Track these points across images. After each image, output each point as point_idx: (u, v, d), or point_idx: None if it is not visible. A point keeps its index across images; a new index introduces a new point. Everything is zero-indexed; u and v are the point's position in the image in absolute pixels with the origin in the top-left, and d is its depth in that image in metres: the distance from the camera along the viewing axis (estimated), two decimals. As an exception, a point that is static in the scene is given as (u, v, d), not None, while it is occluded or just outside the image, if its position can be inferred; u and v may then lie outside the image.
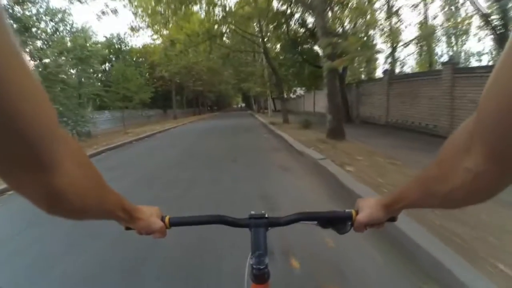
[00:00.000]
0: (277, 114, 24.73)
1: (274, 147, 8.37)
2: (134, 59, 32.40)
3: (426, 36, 19.41)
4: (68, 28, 16.64)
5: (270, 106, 23.85)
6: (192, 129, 17.22)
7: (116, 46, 32.46)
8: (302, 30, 16.28)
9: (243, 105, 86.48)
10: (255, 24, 17.33)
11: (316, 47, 15.87)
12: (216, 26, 15.17)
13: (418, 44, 22.34)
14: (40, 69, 11.64)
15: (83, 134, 13.13)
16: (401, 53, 31.69)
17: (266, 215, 0.78)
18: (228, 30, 16.02)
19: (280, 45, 16.83)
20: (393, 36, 19.51)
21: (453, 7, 19.20)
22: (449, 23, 20.50)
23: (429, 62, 22.58)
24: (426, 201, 0.55)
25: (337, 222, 0.77)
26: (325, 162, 5.39)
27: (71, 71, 14.53)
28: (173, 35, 17.68)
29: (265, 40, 16.52)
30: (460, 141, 0.43)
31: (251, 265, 0.72)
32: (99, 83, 18.96)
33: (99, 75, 23.69)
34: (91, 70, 16.03)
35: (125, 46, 32.94)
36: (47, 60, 12.34)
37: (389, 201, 0.66)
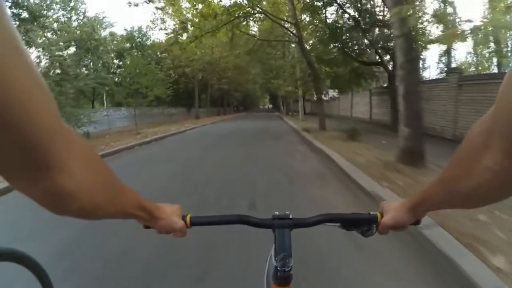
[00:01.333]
0: (308, 117, 21.73)
1: (317, 173, 5.48)
2: (157, 54, 30.52)
3: (496, 25, 15.52)
4: (80, 18, 14.71)
5: (301, 108, 20.71)
6: (211, 132, 14.66)
7: (137, 40, 30.68)
8: (345, 17, 13.24)
9: (270, 106, 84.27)
10: (287, 7, 14.39)
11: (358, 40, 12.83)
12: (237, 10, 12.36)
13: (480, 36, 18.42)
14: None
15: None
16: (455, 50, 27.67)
17: (291, 216, 0.75)
18: (253, 12, 13.10)
19: (317, 36, 13.73)
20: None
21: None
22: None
23: (499, 60, 18.62)
24: (448, 202, 0.54)
25: (362, 224, 0.74)
26: (436, 234, 2.47)
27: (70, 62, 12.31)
28: (181, 15, 15.01)
29: (300, 27, 13.48)
30: (478, 139, 0.42)
31: (275, 267, 0.67)
32: (111, 76, 16.78)
33: (113, 69, 21.67)
34: (100, 62, 14.03)
35: (147, 40, 31.09)
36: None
37: (413, 203, 0.64)
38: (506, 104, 0.35)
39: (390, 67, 13.08)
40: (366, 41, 13.00)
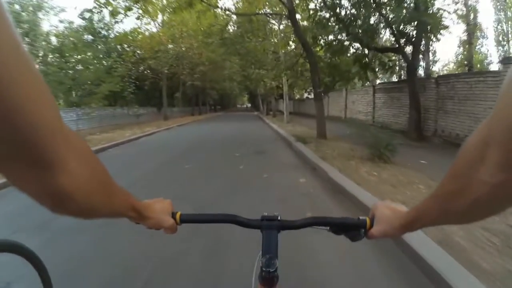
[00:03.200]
0: (293, 118, 18.27)
1: None
2: (123, 47, 26.22)
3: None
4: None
5: (286, 108, 17.10)
6: (172, 140, 10.88)
7: (96, 30, 26.20)
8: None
9: (249, 105, 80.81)
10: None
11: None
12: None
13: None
14: None
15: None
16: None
17: (279, 217, 0.74)
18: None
19: (312, 13, 10.06)
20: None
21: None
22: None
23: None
24: (445, 219, 0.51)
25: (350, 229, 0.73)
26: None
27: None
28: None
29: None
30: (473, 152, 0.40)
31: (261, 267, 0.67)
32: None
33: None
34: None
35: (107, 31, 26.64)
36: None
37: (408, 220, 0.60)
38: (503, 115, 0.33)
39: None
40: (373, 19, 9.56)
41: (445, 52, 75.82)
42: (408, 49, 10.77)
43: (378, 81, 15.58)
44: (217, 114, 38.20)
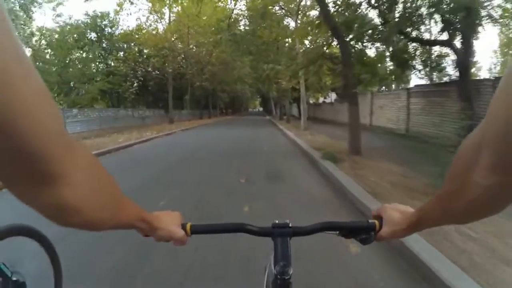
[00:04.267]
0: (310, 124, 16.03)
1: None
2: (129, 45, 24.64)
3: None
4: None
5: (304, 112, 14.83)
6: (166, 150, 8.89)
7: (101, 27, 24.67)
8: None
9: (261, 109, 79.07)
10: None
11: None
12: None
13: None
14: None
15: None
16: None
17: (290, 224, 0.74)
18: None
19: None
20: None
21: None
22: None
23: None
24: (446, 219, 0.52)
25: (360, 232, 0.72)
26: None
27: None
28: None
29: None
30: (468, 154, 0.41)
31: (275, 275, 0.66)
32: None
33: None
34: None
35: (112, 28, 25.08)
36: None
37: (413, 222, 0.62)
38: (495, 118, 0.34)
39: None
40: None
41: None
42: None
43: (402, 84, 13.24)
44: (227, 118, 36.17)
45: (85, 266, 2.30)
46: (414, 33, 8.04)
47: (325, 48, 7.99)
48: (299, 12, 13.57)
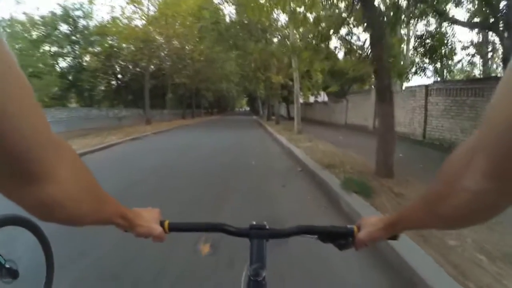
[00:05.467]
0: (303, 126, 13.73)
1: None
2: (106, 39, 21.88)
3: None
4: None
5: (298, 113, 12.36)
6: (115, 168, 6.40)
7: (73, 18, 21.82)
8: None
9: (248, 109, 77.02)
10: None
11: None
12: None
13: None
14: None
15: None
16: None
17: (267, 226, 0.73)
18: None
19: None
20: None
21: None
22: None
23: None
24: (429, 222, 0.50)
25: (338, 237, 0.72)
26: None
27: None
28: None
29: None
30: (461, 158, 0.40)
31: (249, 277, 0.66)
32: None
33: None
34: None
35: (86, 18, 22.26)
36: None
37: (391, 221, 0.62)
38: (494, 124, 0.33)
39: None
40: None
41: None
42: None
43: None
44: (211, 118, 33.59)
45: None
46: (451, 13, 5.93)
47: (347, 14, 5.51)
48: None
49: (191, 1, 16.70)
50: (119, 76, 27.15)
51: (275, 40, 18.19)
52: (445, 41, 6.68)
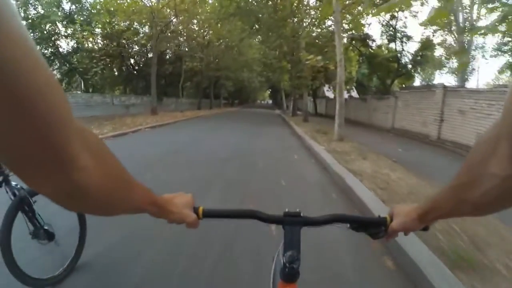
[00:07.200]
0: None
1: None
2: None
3: None
4: None
5: (341, 107, 8.53)
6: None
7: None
8: None
9: (270, 101, 74.10)
10: None
11: None
12: None
13: None
14: None
15: None
16: None
17: (301, 214, 0.71)
18: None
19: None
20: None
21: None
22: None
23: None
24: (459, 209, 0.51)
25: (371, 226, 0.71)
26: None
27: None
28: None
29: None
30: (486, 145, 0.41)
31: (284, 263, 0.65)
32: None
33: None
34: None
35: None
36: None
37: (424, 210, 0.61)
38: None
39: None
40: None
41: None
42: None
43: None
44: (230, 110, 30.37)
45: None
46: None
47: None
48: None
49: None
50: (132, 61, 24.67)
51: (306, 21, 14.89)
52: None
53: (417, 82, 24.82)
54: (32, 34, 15.66)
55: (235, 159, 5.72)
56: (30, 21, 17.97)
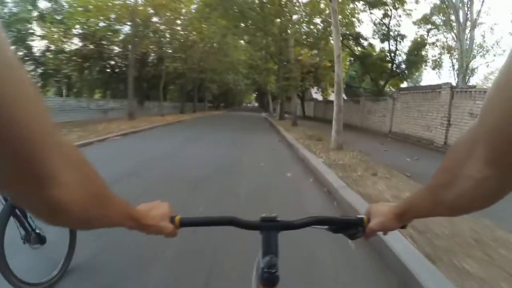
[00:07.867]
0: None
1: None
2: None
3: None
4: None
5: (338, 110, 7.33)
6: None
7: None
8: None
9: (256, 104, 73.27)
10: None
11: None
12: None
13: None
14: None
15: None
16: None
17: (278, 218, 0.70)
18: None
19: None
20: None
21: None
22: None
23: None
24: (435, 210, 0.51)
25: (349, 227, 0.71)
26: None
27: None
28: None
29: None
30: (463, 148, 0.41)
31: (262, 268, 0.65)
32: None
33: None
34: None
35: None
36: None
37: (401, 210, 0.61)
38: (490, 113, 0.34)
39: None
40: None
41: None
42: None
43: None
44: (214, 114, 28.99)
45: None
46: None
47: None
48: None
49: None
50: (112, 63, 23.08)
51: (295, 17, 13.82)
52: None
53: (404, 83, 24.19)
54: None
55: (211, 184, 4.35)
56: (1, 19, 16.33)
